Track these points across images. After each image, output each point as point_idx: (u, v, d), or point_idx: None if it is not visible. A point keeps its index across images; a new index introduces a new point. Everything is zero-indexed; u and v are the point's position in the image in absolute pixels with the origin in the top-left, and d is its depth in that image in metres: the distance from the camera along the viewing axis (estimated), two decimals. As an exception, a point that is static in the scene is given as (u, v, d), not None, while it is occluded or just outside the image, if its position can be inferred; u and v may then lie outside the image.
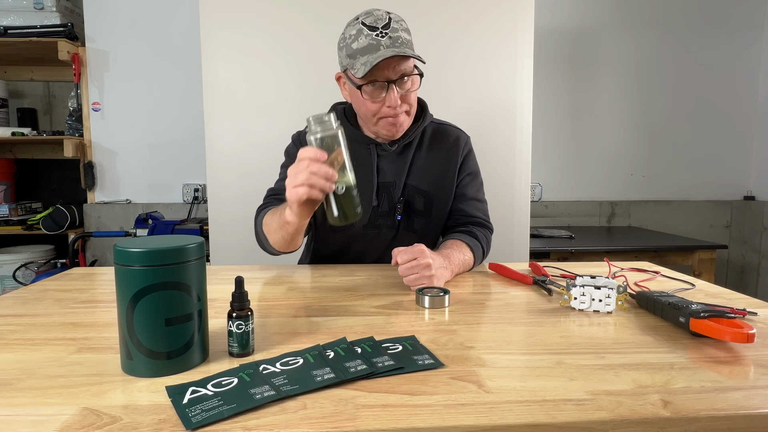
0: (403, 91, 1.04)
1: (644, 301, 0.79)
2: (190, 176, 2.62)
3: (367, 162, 1.15)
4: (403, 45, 1.01)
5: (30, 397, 0.49)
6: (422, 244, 0.92)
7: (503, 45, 1.66)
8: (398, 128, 1.09)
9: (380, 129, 1.09)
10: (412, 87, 1.06)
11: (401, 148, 1.16)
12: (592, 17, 2.76)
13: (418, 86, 1.07)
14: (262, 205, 1.16)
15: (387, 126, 1.08)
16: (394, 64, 1.01)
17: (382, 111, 1.05)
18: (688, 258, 2.26)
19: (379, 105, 1.05)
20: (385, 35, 1.00)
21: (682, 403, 0.48)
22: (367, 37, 1.00)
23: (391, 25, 1.01)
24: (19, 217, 2.48)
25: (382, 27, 1.01)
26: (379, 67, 1.00)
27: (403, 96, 1.05)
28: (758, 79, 2.88)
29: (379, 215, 1.16)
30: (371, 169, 1.15)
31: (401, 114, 1.07)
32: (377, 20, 1.01)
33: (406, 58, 1.02)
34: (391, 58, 0.99)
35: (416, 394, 0.50)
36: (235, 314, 0.59)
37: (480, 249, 1.12)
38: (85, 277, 1.04)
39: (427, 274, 0.88)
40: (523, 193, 1.71)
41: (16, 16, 2.35)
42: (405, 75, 1.03)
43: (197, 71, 1.79)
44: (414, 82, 1.06)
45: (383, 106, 1.04)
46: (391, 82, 1.02)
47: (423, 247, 0.91)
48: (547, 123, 2.76)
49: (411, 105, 1.08)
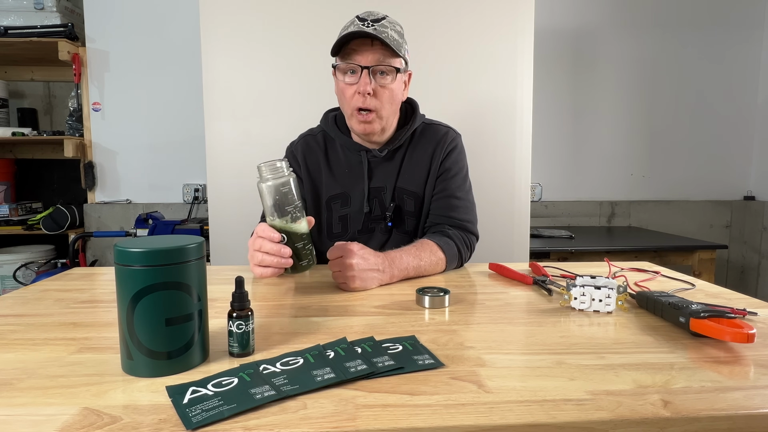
0: (378, 84, 1.05)
1: (644, 301, 0.79)
2: (190, 176, 2.62)
3: (358, 169, 1.16)
4: (386, 38, 1.01)
5: (30, 397, 0.49)
6: (357, 244, 0.91)
7: (503, 45, 1.66)
8: (368, 127, 1.08)
9: (353, 124, 1.10)
10: (389, 83, 1.06)
11: (391, 153, 1.16)
12: (592, 17, 2.76)
13: (396, 85, 1.07)
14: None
15: (358, 123, 1.08)
16: (369, 51, 1.03)
17: (354, 99, 1.05)
18: (688, 258, 2.26)
19: (352, 92, 1.05)
20: (371, 26, 1.01)
21: (682, 403, 0.48)
22: (355, 26, 1.02)
23: (382, 21, 1.03)
24: (19, 217, 2.48)
25: (372, 20, 1.03)
26: (354, 51, 1.03)
27: (376, 90, 1.04)
28: (758, 79, 2.88)
29: (371, 219, 1.17)
30: (362, 175, 1.15)
31: (372, 113, 1.06)
32: (371, 15, 1.04)
33: (386, 53, 1.03)
34: (369, 47, 1.02)
35: (416, 394, 0.50)
36: (235, 314, 0.59)
37: (453, 248, 1.07)
38: (86, 277, 1.04)
39: (348, 273, 0.87)
40: (523, 193, 1.71)
41: (16, 16, 2.35)
42: (380, 64, 1.03)
43: (197, 71, 1.79)
44: (392, 79, 1.06)
45: (355, 92, 1.05)
46: (365, 68, 1.03)
47: (354, 247, 0.89)
48: (547, 123, 2.76)
49: (383, 104, 1.07)
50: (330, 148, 1.20)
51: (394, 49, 1.02)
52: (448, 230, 1.11)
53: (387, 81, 1.06)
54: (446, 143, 1.18)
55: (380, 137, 1.14)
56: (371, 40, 1.02)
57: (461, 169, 1.19)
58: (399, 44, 1.05)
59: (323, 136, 1.21)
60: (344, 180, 1.17)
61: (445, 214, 1.15)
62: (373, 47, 1.03)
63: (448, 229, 1.12)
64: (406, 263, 0.96)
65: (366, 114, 1.06)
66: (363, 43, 1.03)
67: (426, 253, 1.01)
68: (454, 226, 1.14)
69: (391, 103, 1.08)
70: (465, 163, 1.21)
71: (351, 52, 1.04)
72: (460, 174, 1.18)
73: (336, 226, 1.18)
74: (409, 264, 0.97)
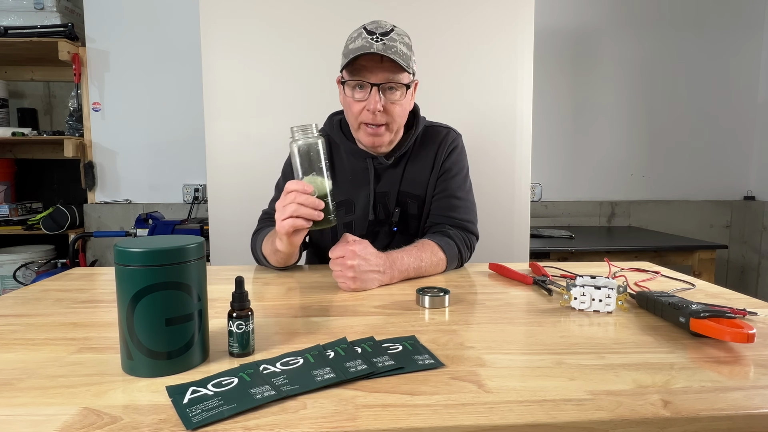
0: (387, 101, 1.03)
1: (644, 301, 0.79)
2: (190, 176, 2.62)
3: (363, 175, 1.16)
4: (395, 54, 0.99)
5: (30, 397, 0.49)
6: (360, 242, 0.91)
7: (503, 45, 1.66)
8: (377, 140, 1.07)
9: (361, 137, 1.09)
10: (399, 99, 1.04)
11: (396, 159, 1.15)
12: (592, 17, 2.76)
13: (405, 100, 1.06)
14: (258, 228, 1.17)
15: (366, 135, 1.07)
16: (380, 69, 1.01)
17: (363, 115, 1.04)
18: (688, 258, 2.26)
19: (360, 107, 1.04)
20: (380, 40, 0.99)
21: (682, 403, 0.48)
22: (363, 39, 1.00)
23: (390, 34, 1.01)
24: (19, 217, 2.48)
25: (381, 33, 1.01)
26: (364, 68, 1.01)
27: (386, 106, 1.03)
28: (758, 79, 2.88)
29: (376, 224, 1.17)
30: (367, 182, 1.15)
31: (382, 127, 1.05)
32: (379, 27, 1.02)
33: (396, 69, 1.01)
34: (378, 64, 1.00)
35: (416, 394, 0.50)
36: (235, 314, 0.59)
37: (454, 248, 1.07)
38: (86, 277, 1.04)
39: (348, 274, 0.88)
40: (523, 193, 1.71)
41: (16, 17, 2.35)
42: (390, 82, 1.02)
43: (197, 71, 1.79)
44: (402, 95, 1.05)
45: (364, 109, 1.04)
46: (374, 85, 1.01)
47: (356, 248, 0.89)
48: (547, 123, 2.76)
49: (394, 119, 1.06)
50: (334, 153, 1.19)
51: (403, 67, 1.01)
52: (448, 230, 1.11)
53: (396, 97, 1.04)
54: (447, 143, 1.18)
55: (387, 148, 1.13)
56: (381, 57, 1.00)
57: (462, 169, 1.19)
58: (408, 58, 1.03)
59: (327, 140, 1.21)
60: (347, 187, 1.17)
61: (446, 214, 1.15)
62: (382, 64, 1.01)
63: (448, 229, 1.12)
64: (407, 264, 0.97)
65: (375, 128, 1.05)
66: (372, 59, 1.00)
67: (427, 254, 1.01)
68: (455, 225, 1.14)
69: (400, 116, 1.08)
70: (465, 163, 1.21)
71: (360, 68, 1.02)
72: (461, 174, 1.18)
73: (340, 232, 1.18)
74: (410, 265, 0.97)
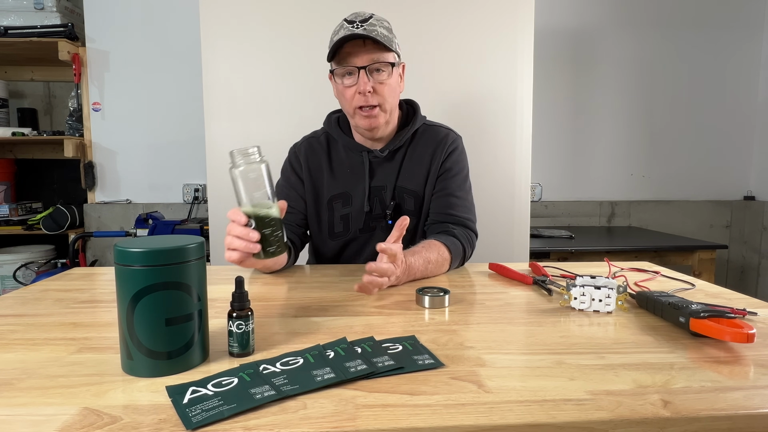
0: (376, 81, 1.07)
1: (644, 301, 0.79)
2: (190, 176, 2.62)
3: (360, 169, 1.18)
4: (377, 35, 1.03)
5: (30, 397, 0.49)
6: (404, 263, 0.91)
7: (503, 45, 1.66)
8: (373, 122, 1.10)
9: (358, 121, 1.11)
10: (387, 78, 1.08)
11: (392, 153, 1.17)
12: (592, 17, 2.76)
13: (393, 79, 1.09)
14: None
15: (362, 119, 1.10)
16: (364, 51, 1.05)
17: (356, 99, 1.08)
18: (688, 258, 2.26)
19: (351, 92, 1.08)
20: (360, 27, 1.04)
21: (682, 403, 0.48)
22: (345, 29, 1.04)
23: (369, 20, 1.05)
24: (19, 217, 2.48)
25: (360, 21, 1.05)
26: (349, 54, 1.05)
27: (375, 87, 1.07)
28: (758, 79, 2.88)
29: (372, 218, 1.18)
30: (364, 175, 1.17)
31: (375, 108, 1.08)
32: (358, 16, 1.06)
33: (379, 49, 1.05)
34: (362, 48, 1.04)
35: (416, 394, 0.50)
36: (235, 314, 0.59)
37: (459, 248, 1.08)
38: (86, 277, 1.04)
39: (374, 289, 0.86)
40: (523, 193, 1.71)
41: (16, 16, 2.35)
42: (375, 63, 1.05)
43: (197, 71, 1.79)
44: (389, 75, 1.08)
45: (355, 93, 1.07)
46: (361, 68, 1.05)
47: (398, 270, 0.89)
48: (547, 123, 2.76)
49: (385, 98, 1.09)
50: (332, 149, 1.22)
51: (386, 45, 1.04)
52: (453, 229, 1.12)
53: (384, 77, 1.08)
54: (447, 144, 1.19)
55: (384, 131, 1.15)
56: (363, 40, 1.04)
57: (462, 170, 1.20)
58: (389, 39, 1.07)
59: (326, 137, 1.23)
60: (346, 180, 1.19)
61: (445, 212, 1.15)
62: (366, 47, 1.05)
63: (452, 228, 1.13)
64: (415, 269, 0.98)
65: (369, 110, 1.08)
66: (355, 44, 1.05)
67: (434, 254, 1.02)
68: (455, 223, 1.14)
69: (391, 96, 1.11)
70: (465, 164, 1.22)
71: (346, 56, 1.06)
72: (461, 174, 1.19)
73: (338, 225, 1.19)
74: (418, 267, 0.99)
